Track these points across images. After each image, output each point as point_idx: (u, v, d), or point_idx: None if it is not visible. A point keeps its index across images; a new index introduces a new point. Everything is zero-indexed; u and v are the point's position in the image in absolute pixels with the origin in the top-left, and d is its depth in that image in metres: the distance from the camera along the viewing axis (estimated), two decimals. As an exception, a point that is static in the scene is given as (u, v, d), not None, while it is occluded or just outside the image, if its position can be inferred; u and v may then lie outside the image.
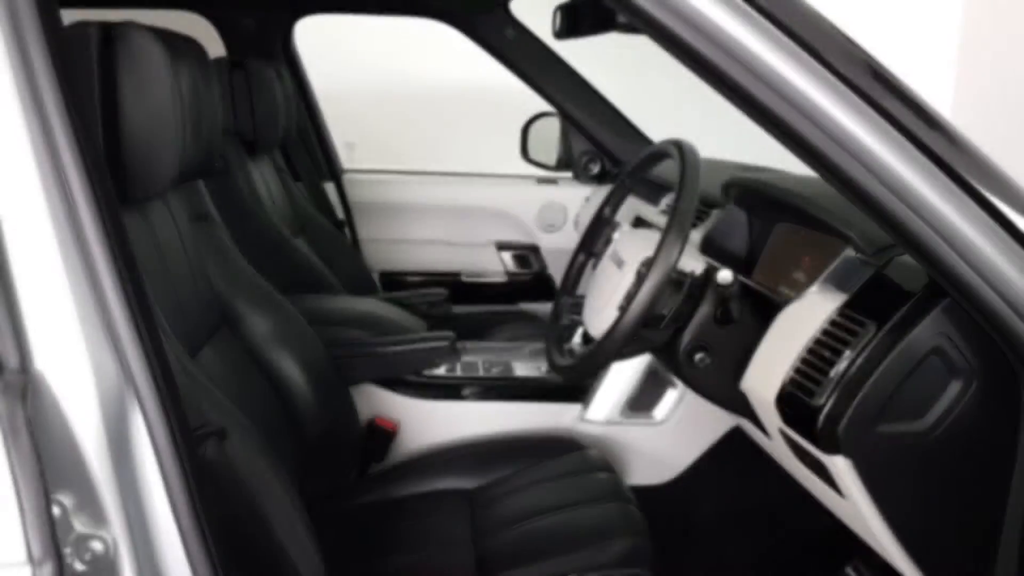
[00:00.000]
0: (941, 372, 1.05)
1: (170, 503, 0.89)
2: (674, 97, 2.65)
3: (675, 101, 2.71)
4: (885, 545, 1.17)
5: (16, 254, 0.83)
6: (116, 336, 0.86)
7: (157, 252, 1.31)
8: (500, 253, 2.95)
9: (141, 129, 1.14)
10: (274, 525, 1.12)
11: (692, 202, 1.23)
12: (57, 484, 0.82)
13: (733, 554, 1.86)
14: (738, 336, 1.30)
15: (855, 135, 0.91)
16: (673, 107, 2.83)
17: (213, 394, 1.14)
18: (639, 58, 1.97)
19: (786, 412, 1.16)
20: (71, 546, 0.83)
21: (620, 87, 2.83)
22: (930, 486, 1.10)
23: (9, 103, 0.83)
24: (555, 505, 1.50)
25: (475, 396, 1.86)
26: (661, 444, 1.86)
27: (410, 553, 1.46)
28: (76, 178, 0.84)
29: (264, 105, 2.30)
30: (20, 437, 0.77)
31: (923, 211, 0.93)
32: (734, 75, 0.89)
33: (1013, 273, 0.93)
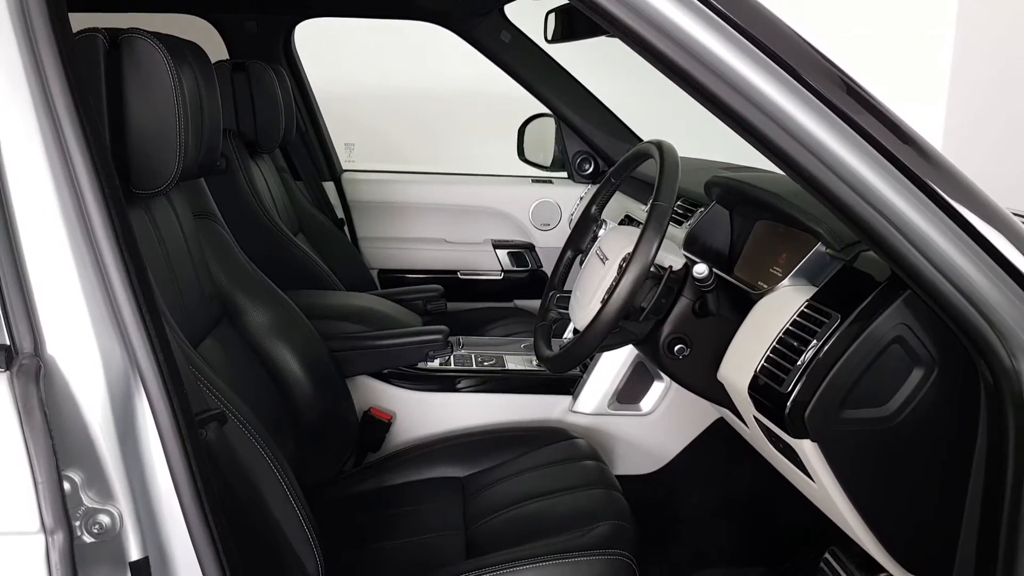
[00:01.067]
0: (903, 361, 1.10)
1: (172, 480, 0.96)
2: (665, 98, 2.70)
3: (667, 102, 2.77)
4: (853, 527, 1.22)
5: (30, 248, 0.89)
6: (122, 324, 0.93)
7: (161, 247, 1.37)
8: (496, 251, 3.02)
9: (145, 130, 1.20)
10: (271, 506, 1.18)
11: (670, 200, 1.28)
12: (67, 461, 0.88)
13: (716, 541, 1.91)
14: (716, 328, 1.36)
15: (817, 137, 0.96)
16: (666, 108, 2.89)
17: (214, 381, 1.20)
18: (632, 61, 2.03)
19: (758, 399, 1.21)
20: (80, 519, 0.89)
21: (614, 89, 2.88)
22: (893, 470, 1.16)
23: (24, 105, 0.89)
24: (543, 491, 1.56)
25: (468, 388, 1.92)
26: (647, 435, 1.92)
27: (403, 537, 1.52)
28: (85, 176, 0.91)
29: (265, 106, 2.37)
30: (34, 416, 0.83)
31: (882, 208, 0.98)
32: (701, 78, 0.94)
33: (967, 266, 0.98)
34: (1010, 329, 0.98)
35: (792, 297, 1.24)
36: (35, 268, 0.89)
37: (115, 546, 0.92)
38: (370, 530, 1.54)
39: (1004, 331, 0.98)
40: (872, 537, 1.20)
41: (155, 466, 0.96)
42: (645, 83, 2.77)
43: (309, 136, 2.93)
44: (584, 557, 1.31)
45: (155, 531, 0.96)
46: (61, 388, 0.89)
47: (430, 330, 1.96)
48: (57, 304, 0.90)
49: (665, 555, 1.90)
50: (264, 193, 2.35)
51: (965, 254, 0.97)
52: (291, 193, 2.67)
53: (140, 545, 0.94)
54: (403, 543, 1.50)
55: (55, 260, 0.90)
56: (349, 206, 2.97)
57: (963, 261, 0.97)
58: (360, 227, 2.99)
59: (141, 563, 0.94)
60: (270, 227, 2.26)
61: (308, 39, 2.95)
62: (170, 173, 1.25)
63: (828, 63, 0.97)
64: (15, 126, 0.89)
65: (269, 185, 2.45)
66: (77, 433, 0.90)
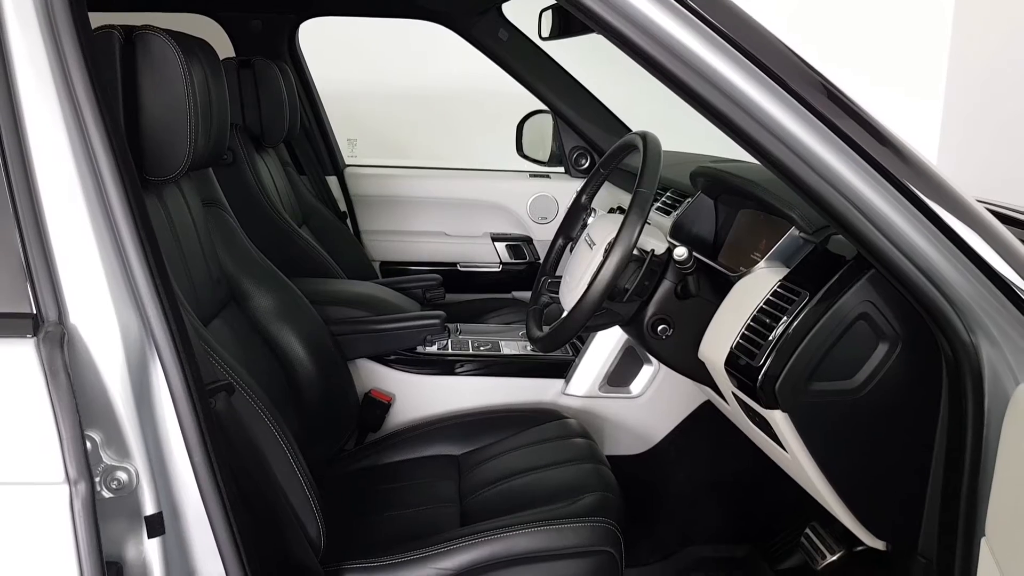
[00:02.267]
0: (868, 336, 1.17)
1: (184, 442, 1.04)
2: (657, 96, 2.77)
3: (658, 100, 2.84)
4: (824, 495, 1.29)
5: (54, 226, 0.97)
6: (139, 297, 1.01)
7: (172, 232, 1.45)
8: (494, 244, 3.09)
9: (158, 120, 1.28)
10: (275, 471, 1.26)
11: (652, 187, 1.36)
12: (88, 422, 0.96)
13: (703, 519, 1.99)
14: (697, 309, 1.43)
15: (786, 127, 1.03)
16: (658, 104, 2.95)
17: (223, 356, 1.27)
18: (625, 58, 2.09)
19: (733, 374, 1.28)
20: (100, 475, 0.97)
21: (610, 85, 2.95)
22: (860, 439, 1.22)
23: (48, 95, 0.97)
24: (534, 466, 1.63)
25: (465, 372, 2.00)
26: (637, 417, 1.99)
27: (401, 509, 1.59)
28: (104, 160, 0.98)
29: (270, 101, 2.44)
30: (59, 377, 0.90)
31: (848, 194, 1.05)
32: (678, 72, 1.02)
33: (926, 247, 1.04)
34: (967, 305, 1.04)
35: (766, 278, 1.31)
36: (59, 245, 0.97)
37: (131, 501, 1.00)
38: (369, 503, 1.62)
39: (962, 307, 1.05)
40: (842, 505, 1.27)
41: (168, 428, 1.04)
42: (638, 80, 2.84)
43: (313, 132, 3.00)
44: (570, 524, 1.38)
45: (168, 488, 1.04)
46: (82, 355, 0.97)
47: (428, 315, 2.03)
48: (79, 278, 0.97)
49: (653, 533, 1.97)
50: (269, 186, 2.43)
51: (925, 236, 1.04)
52: (295, 187, 2.75)
53: (155, 501, 1.01)
54: (400, 514, 1.57)
55: (77, 238, 0.97)
56: (351, 200, 3.05)
57: (923, 242, 1.04)
58: (362, 220, 3.07)
59: (155, 517, 1.01)
60: (275, 218, 2.34)
61: (312, 39, 3.03)
62: (181, 162, 1.32)
63: (794, 56, 1.04)
64: (41, 114, 0.97)
65: (274, 178, 2.53)
66: (97, 396, 0.98)
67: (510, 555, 1.35)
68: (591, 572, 1.36)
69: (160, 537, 1.02)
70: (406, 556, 1.36)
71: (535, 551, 1.35)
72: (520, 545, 1.35)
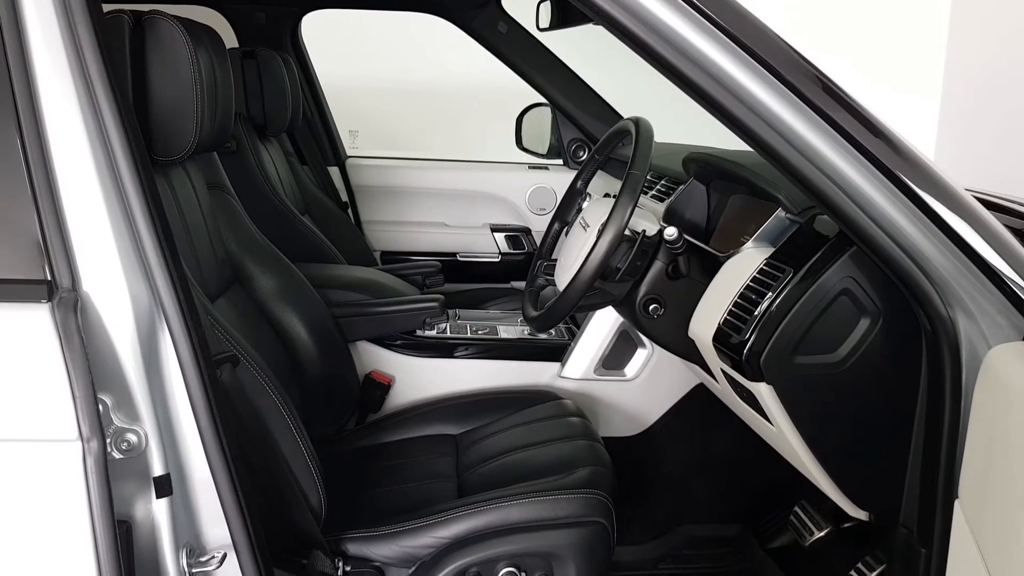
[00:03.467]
0: (851, 312, 1.21)
1: (191, 408, 1.08)
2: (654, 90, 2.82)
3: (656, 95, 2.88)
4: (809, 467, 1.33)
5: (68, 199, 1.01)
6: (148, 267, 1.05)
7: (179, 213, 1.49)
8: (494, 235, 3.13)
9: (166, 102, 1.32)
10: (279, 442, 1.31)
11: (643, 169, 1.40)
12: (100, 385, 1.00)
13: (695, 498, 2.03)
14: (687, 289, 1.47)
15: (772, 109, 1.06)
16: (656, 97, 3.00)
17: (228, 330, 1.32)
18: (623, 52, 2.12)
19: (721, 349, 1.33)
20: (111, 436, 1.02)
21: (609, 78, 3.00)
22: (843, 411, 1.27)
23: (63, 74, 1.01)
24: (529, 443, 1.68)
25: (463, 355, 2.04)
26: (631, 399, 2.03)
27: (399, 484, 1.64)
28: (116, 137, 1.03)
29: (273, 91, 2.49)
30: (73, 340, 0.95)
31: (830, 173, 1.09)
32: (674, 61, 1.06)
33: (905, 223, 1.08)
34: (944, 281, 1.08)
35: (753, 257, 1.35)
36: (72, 217, 1.01)
37: (140, 463, 1.05)
38: (368, 478, 1.66)
39: (939, 282, 1.09)
40: (826, 476, 1.32)
41: (176, 395, 1.08)
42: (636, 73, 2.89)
43: (315, 123, 3.04)
44: (564, 495, 1.43)
45: (175, 451, 1.09)
46: (94, 321, 1.02)
47: (427, 298, 2.08)
48: (91, 248, 1.02)
49: (646, 512, 2.01)
50: (272, 174, 2.47)
51: (904, 214, 1.08)
52: (297, 176, 2.79)
53: (163, 462, 1.06)
54: (399, 488, 1.62)
55: (90, 210, 1.02)
56: (353, 190, 3.09)
57: (902, 220, 1.08)
58: (363, 211, 3.12)
59: (163, 479, 1.06)
60: (277, 204, 2.38)
61: (315, 33, 3.07)
62: (188, 143, 1.37)
63: (780, 42, 1.08)
64: (55, 92, 1.01)
65: (277, 167, 2.57)
66: (108, 361, 1.02)
67: (505, 524, 1.39)
68: (583, 542, 1.40)
69: (167, 498, 1.06)
70: (405, 526, 1.41)
71: (529, 521, 1.40)
72: (514, 515, 1.40)
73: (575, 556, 1.39)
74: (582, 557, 1.39)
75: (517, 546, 1.38)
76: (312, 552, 1.38)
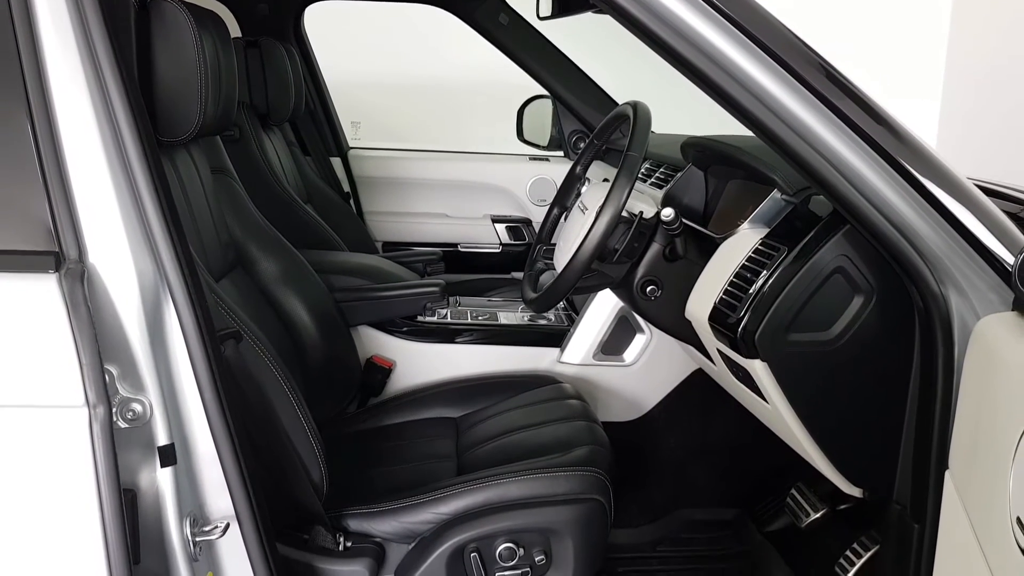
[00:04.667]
0: (844, 290, 1.23)
1: (195, 380, 1.10)
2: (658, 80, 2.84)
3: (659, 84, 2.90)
4: (804, 445, 1.35)
5: (76, 173, 1.03)
6: (154, 242, 1.07)
7: (183, 195, 1.51)
8: (495, 226, 3.16)
9: (170, 83, 1.34)
10: (281, 418, 1.33)
11: (640, 150, 1.42)
12: (106, 356, 1.02)
13: (693, 482, 2.05)
14: (684, 270, 1.49)
15: (768, 89, 1.08)
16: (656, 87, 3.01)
17: (231, 307, 1.34)
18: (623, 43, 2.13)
19: (716, 328, 1.34)
20: (116, 406, 1.04)
21: (610, 69, 3.02)
22: (837, 388, 1.28)
23: (70, 52, 1.03)
24: (528, 424, 1.70)
25: (464, 340, 2.06)
26: (630, 384, 2.05)
27: (400, 464, 1.66)
28: (122, 113, 1.05)
29: (276, 80, 2.51)
30: (80, 309, 0.97)
31: (824, 151, 1.11)
32: (671, 41, 1.08)
33: (897, 201, 1.10)
34: (937, 258, 1.10)
35: (749, 237, 1.37)
36: (80, 191, 1.03)
37: (145, 432, 1.07)
38: (369, 459, 1.68)
39: (931, 260, 1.10)
40: (820, 453, 1.33)
41: (180, 367, 1.10)
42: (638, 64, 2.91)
43: (317, 113, 3.07)
44: (562, 472, 1.45)
45: (179, 422, 1.11)
46: (101, 293, 1.04)
47: (428, 283, 2.10)
48: (98, 222, 1.04)
49: (644, 496, 2.03)
50: (275, 162, 2.49)
51: (896, 192, 1.09)
52: (300, 166, 2.81)
53: (167, 432, 1.08)
54: (399, 468, 1.64)
55: (96, 185, 1.04)
56: (355, 181, 3.11)
57: (895, 198, 1.10)
58: (365, 201, 3.14)
59: (168, 448, 1.08)
60: (280, 192, 2.40)
61: (318, 29, 3.09)
62: (192, 124, 1.39)
63: (777, 24, 1.10)
64: (63, 69, 1.03)
65: (279, 156, 2.59)
66: (114, 333, 1.04)
67: (503, 501, 1.41)
68: (581, 518, 1.42)
69: (172, 468, 1.08)
70: (405, 502, 1.43)
71: (527, 497, 1.42)
72: (513, 492, 1.42)
73: (572, 532, 1.41)
74: (579, 533, 1.41)
75: (515, 522, 1.40)
76: (314, 527, 1.40)
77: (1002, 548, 0.72)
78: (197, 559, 1.12)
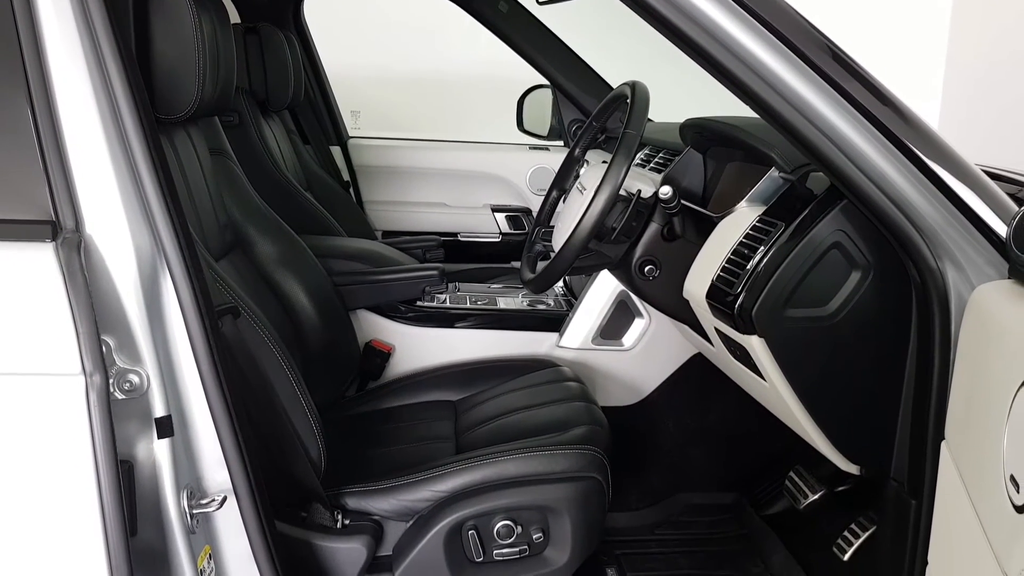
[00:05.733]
0: (842, 265, 1.23)
1: (192, 352, 1.10)
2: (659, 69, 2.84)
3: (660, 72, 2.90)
4: (801, 421, 1.34)
5: (73, 144, 1.03)
6: (151, 214, 1.07)
7: (182, 176, 1.51)
8: (495, 215, 3.16)
9: (167, 60, 1.34)
10: (279, 394, 1.33)
11: (639, 128, 1.42)
12: (103, 327, 1.03)
13: (692, 467, 2.05)
14: (682, 250, 1.49)
15: (767, 64, 1.08)
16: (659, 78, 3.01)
17: (229, 283, 1.34)
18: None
19: (714, 305, 1.34)
20: (113, 377, 1.04)
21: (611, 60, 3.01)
22: (834, 365, 1.28)
23: (68, 26, 1.03)
24: (527, 405, 1.70)
25: (463, 325, 2.06)
26: (629, 369, 2.05)
27: (399, 445, 1.66)
28: (120, 87, 1.05)
29: (275, 66, 2.50)
30: (76, 278, 0.97)
31: (822, 125, 1.11)
32: (672, 18, 1.08)
33: (894, 175, 1.10)
34: (934, 232, 1.10)
35: (746, 215, 1.37)
36: (76, 161, 1.03)
37: (143, 403, 1.07)
38: (368, 440, 1.68)
39: (928, 234, 1.10)
40: (818, 430, 1.33)
41: (177, 341, 1.11)
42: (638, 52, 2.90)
43: (317, 102, 3.07)
44: (560, 450, 1.45)
45: (176, 394, 1.11)
46: (98, 264, 1.04)
47: (427, 266, 2.10)
48: (94, 192, 1.04)
49: (643, 480, 2.03)
50: (274, 148, 2.49)
51: (893, 165, 1.10)
52: (300, 154, 2.81)
53: (164, 404, 1.08)
54: (398, 449, 1.64)
55: (93, 156, 1.04)
56: (355, 170, 3.11)
57: (892, 171, 1.10)
58: (365, 191, 3.14)
59: (165, 419, 1.08)
60: (279, 178, 2.40)
61: (319, 22, 3.10)
62: (190, 101, 1.39)
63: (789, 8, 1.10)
64: (60, 40, 1.03)
65: (279, 143, 2.59)
66: (111, 304, 1.04)
67: (501, 478, 1.41)
68: (578, 496, 1.42)
69: (169, 440, 1.09)
70: (403, 480, 1.43)
71: (525, 475, 1.42)
72: (511, 469, 1.42)
73: (570, 510, 1.41)
74: (577, 511, 1.41)
75: (513, 499, 1.40)
76: (312, 505, 1.41)
77: (995, 507, 0.72)
78: (194, 532, 1.12)
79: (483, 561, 1.41)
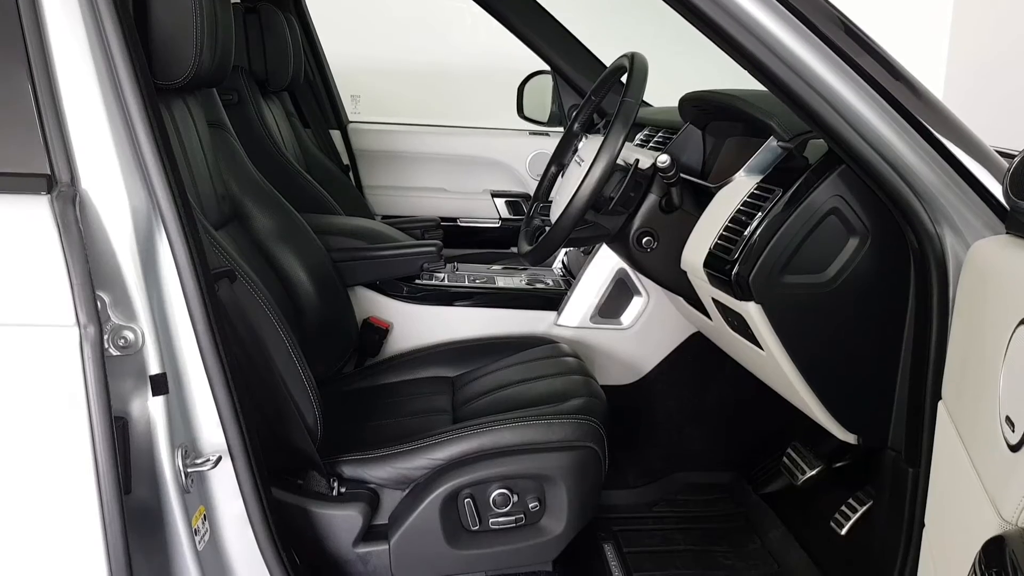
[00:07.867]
0: (839, 231, 1.23)
1: (188, 311, 1.10)
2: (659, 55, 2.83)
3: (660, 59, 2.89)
4: (799, 390, 1.34)
5: (69, 99, 1.03)
6: (147, 173, 1.07)
7: (180, 147, 1.51)
8: (494, 200, 3.15)
9: (165, 26, 1.34)
10: (275, 359, 1.32)
11: (637, 97, 1.41)
12: (98, 283, 1.02)
13: (690, 446, 2.04)
14: (680, 222, 1.49)
15: (770, 30, 1.08)
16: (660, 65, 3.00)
17: (224, 248, 1.34)
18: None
19: (711, 273, 1.34)
20: (108, 333, 1.04)
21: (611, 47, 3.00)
22: (831, 332, 1.28)
23: (72, 4, 1.03)
24: (524, 378, 1.70)
25: (461, 303, 2.06)
26: (628, 347, 2.05)
27: (396, 418, 1.66)
28: (117, 47, 1.05)
29: (275, 46, 2.50)
30: (71, 231, 0.97)
31: (820, 88, 1.10)
32: None
33: (892, 137, 1.10)
34: (932, 196, 1.10)
35: (744, 183, 1.37)
36: (72, 116, 1.03)
37: (137, 360, 1.07)
38: (366, 413, 1.68)
39: (926, 197, 1.10)
40: (815, 399, 1.33)
41: (173, 300, 1.10)
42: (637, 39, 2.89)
43: (316, 85, 3.06)
44: (557, 420, 1.45)
45: (171, 352, 1.11)
46: (93, 219, 1.04)
47: (425, 243, 2.10)
48: (90, 148, 1.04)
49: (641, 458, 2.03)
50: (273, 128, 2.49)
51: (892, 127, 1.09)
52: (299, 137, 2.80)
53: (159, 361, 1.08)
54: (395, 421, 1.64)
55: (89, 113, 1.04)
56: (354, 155, 3.11)
57: (890, 134, 1.10)
58: (365, 175, 3.13)
59: (160, 377, 1.08)
60: (278, 156, 2.40)
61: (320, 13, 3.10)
62: (187, 68, 1.38)
63: None
64: (57, 5, 1.03)
65: (279, 124, 2.59)
66: (106, 260, 1.04)
67: (497, 447, 1.41)
68: (574, 465, 1.42)
69: (164, 397, 1.08)
70: (399, 448, 1.43)
71: (522, 444, 1.42)
72: (507, 438, 1.42)
73: (566, 479, 1.40)
74: (573, 480, 1.41)
75: (509, 468, 1.40)
76: (308, 472, 1.40)
77: (991, 450, 0.72)
78: (189, 491, 1.12)
79: (479, 530, 1.41)
